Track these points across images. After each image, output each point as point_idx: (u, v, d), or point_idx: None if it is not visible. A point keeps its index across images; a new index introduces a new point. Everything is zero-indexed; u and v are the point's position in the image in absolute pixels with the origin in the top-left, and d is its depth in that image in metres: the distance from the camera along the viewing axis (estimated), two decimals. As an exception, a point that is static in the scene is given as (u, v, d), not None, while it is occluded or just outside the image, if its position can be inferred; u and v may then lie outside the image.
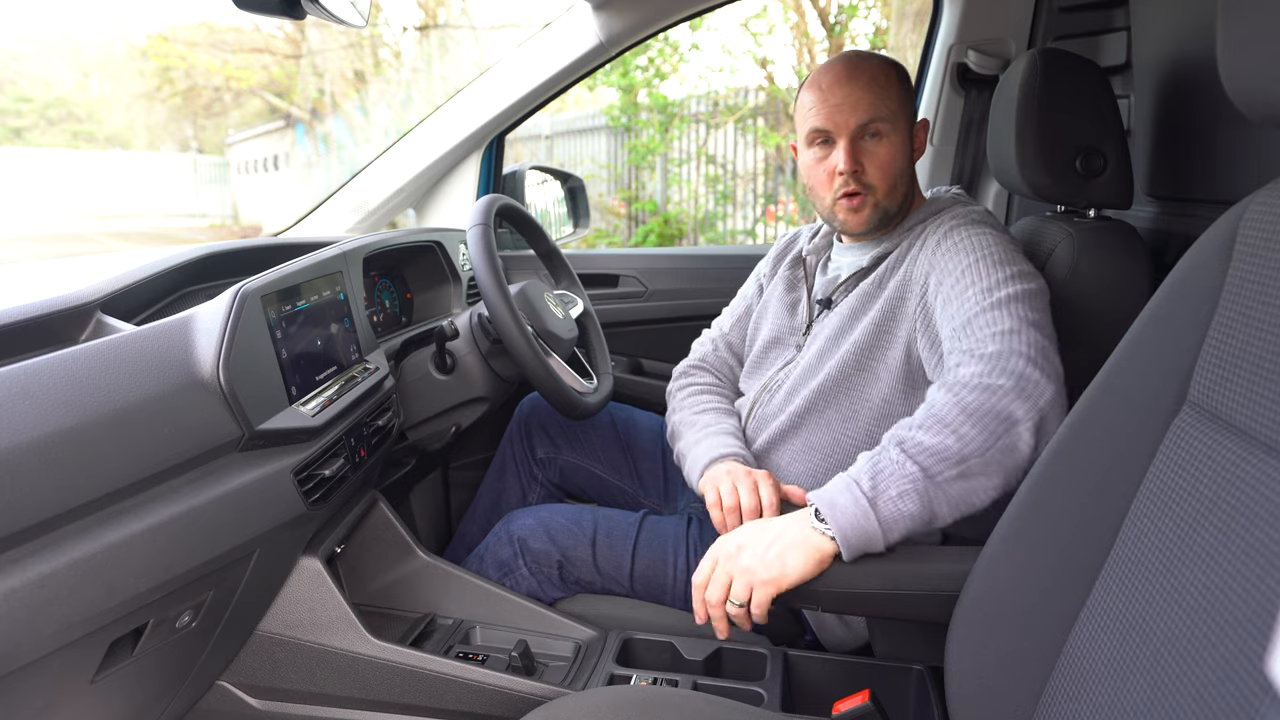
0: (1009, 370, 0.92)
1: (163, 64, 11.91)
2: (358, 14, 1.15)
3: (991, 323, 0.97)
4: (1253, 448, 0.56)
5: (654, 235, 6.66)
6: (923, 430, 0.91)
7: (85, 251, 5.47)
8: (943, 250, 1.11)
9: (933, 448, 0.89)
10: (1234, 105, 0.61)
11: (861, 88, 1.16)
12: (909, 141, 1.21)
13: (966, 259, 1.07)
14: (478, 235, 1.26)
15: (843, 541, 0.89)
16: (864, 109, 1.16)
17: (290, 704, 1.10)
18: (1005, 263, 1.05)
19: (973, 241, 1.09)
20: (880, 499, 0.89)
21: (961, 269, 1.06)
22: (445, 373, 1.34)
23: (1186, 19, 1.22)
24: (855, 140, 1.17)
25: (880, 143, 1.17)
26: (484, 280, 1.23)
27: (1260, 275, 0.59)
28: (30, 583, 0.67)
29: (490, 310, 1.24)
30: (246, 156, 13.58)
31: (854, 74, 1.17)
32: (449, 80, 9.95)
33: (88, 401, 0.74)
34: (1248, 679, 0.50)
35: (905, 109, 1.20)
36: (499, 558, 1.29)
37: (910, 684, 1.08)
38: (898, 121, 1.18)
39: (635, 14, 1.68)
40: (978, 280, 1.03)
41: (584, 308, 1.58)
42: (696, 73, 7.64)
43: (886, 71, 1.19)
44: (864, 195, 1.18)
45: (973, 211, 1.16)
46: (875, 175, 1.18)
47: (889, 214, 1.20)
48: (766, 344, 1.35)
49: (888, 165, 1.17)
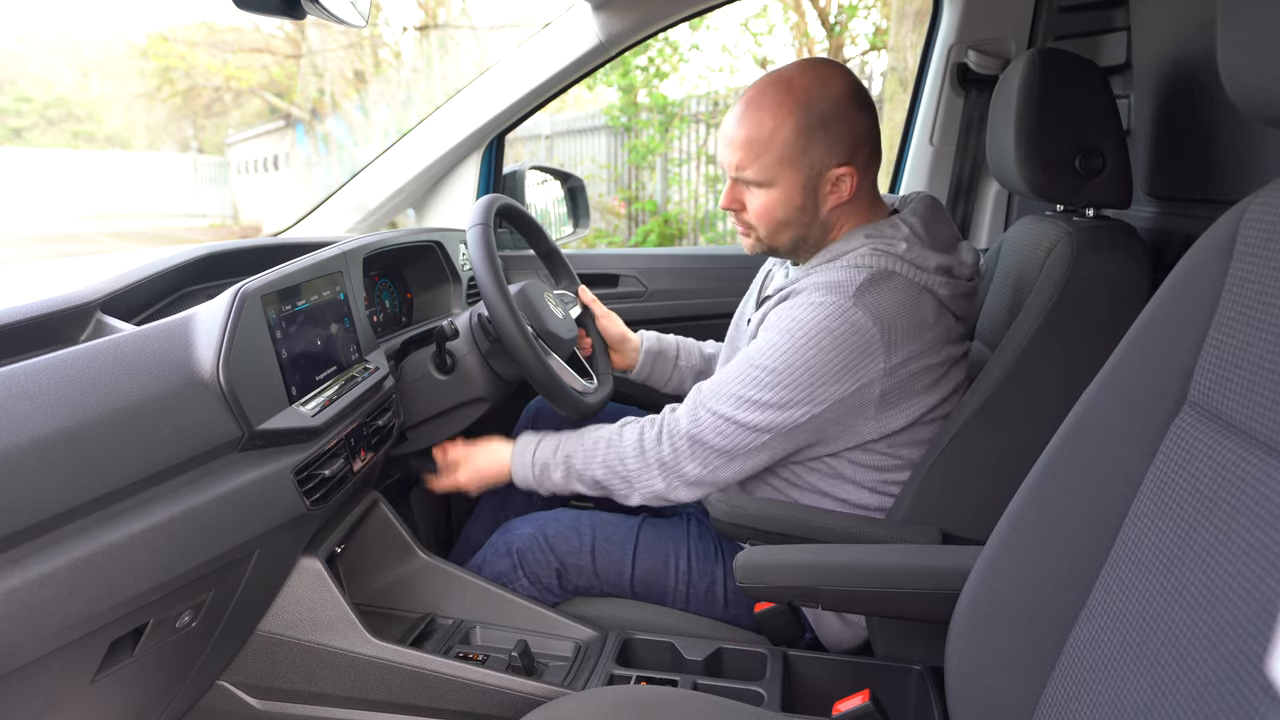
0: (649, 448, 1.18)
1: (163, 64, 11.90)
2: (358, 14, 1.15)
3: (699, 414, 1.15)
4: (1253, 448, 0.56)
5: (654, 235, 6.66)
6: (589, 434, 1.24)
7: (85, 251, 5.47)
8: (768, 324, 1.14)
9: (578, 448, 1.23)
10: (1234, 105, 0.61)
11: (743, 132, 1.12)
12: (803, 191, 1.13)
13: (752, 355, 1.13)
14: (477, 235, 1.26)
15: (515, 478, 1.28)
16: (732, 158, 1.15)
17: (290, 704, 1.10)
18: (758, 384, 1.10)
19: (771, 341, 1.11)
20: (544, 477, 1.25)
21: (742, 357, 1.14)
22: (445, 373, 1.34)
23: (1186, 19, 1.22)
24: (735, 183, 1.18)
25: (755, 191, 1.16)
26: (484, 280, 1.23)
27: (1260, 275, 0.59)
28: (30, 583, 0.67)
29: (490, 310, 1.24)
30: (246, 156, 13.58)
31: (744, 113, 1.13)
32: (449, 80, 9.95)
33: (88, 401, 0.74)
34: (1248, 679, 0.50)
35: (797, 161, 1.11)
36: (496, 569, 1.29)
37: (910, 684, 1.08)
38: (779, 175, 1.12)
39: (635, 14, 1.68)
40: (731, 380, 1.13)
41: (583, 307, 1.58)
42: (696, 73, 7.65)
43: (775, 125, 1.10)
44: (749, 229, 1.21)
45: (831, 292, 1.09)
46: (753, 219, 1.18)
47: (779, 250, 1.22)
48: (724, 352, 1.41)
49: (763, 214, 1.16)
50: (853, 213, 1.19)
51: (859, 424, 1.12)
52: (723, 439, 1.13)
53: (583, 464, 1.22)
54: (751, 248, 1.24)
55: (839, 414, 1.11)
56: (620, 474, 1.19)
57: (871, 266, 1.11)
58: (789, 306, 1.13)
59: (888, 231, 1.15)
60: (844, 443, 1.15)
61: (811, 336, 1.08)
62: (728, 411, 1.12)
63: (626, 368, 1.55)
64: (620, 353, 1.54)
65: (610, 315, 1.53)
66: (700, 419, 1.14)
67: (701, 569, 1.26)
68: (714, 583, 1.25)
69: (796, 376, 1.08)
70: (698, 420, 1.15)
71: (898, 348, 1.08)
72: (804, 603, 1.00)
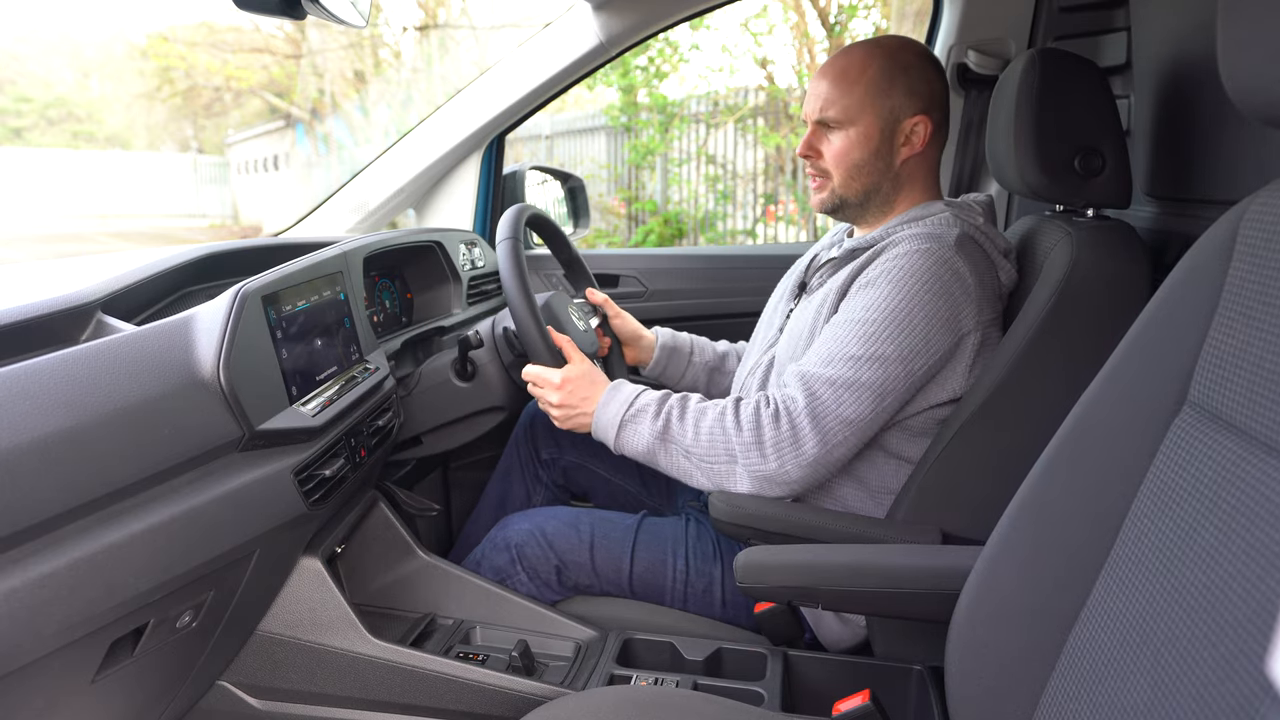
0: (765, 427, 1.10)
1: (163, 64, 11.90)
2: (358, 14, 1.15)
3: (815, 387, 1.10)
4: (1253, 448, 0.56)
5: (654, 235, 6.66)
6: (694, 408, 1.15)
7: (85, 251, 5.47)
8: (864, 281, 1.14)
9: (678, 426, 1.15)
10: (1234, 105, 0.61)
11: (827, 79, 1.21)
12: (879, 135, 1.20)
13: (857, 313, 1.11)
14: (507, 250, 1.27)
15: (593, 429, 1.22)
16: (818, 100, 1.22)
17: (290, 704, 1.10)
18: (874, 339, 1.08)
19: (880, 293, 1.11)
20: (624, 427, 1.18)
21: (845, 319, 1.12)
22: (466, 380, 1.36)
23: (1186, 19, 1.22)
24: (817, 128, 1.24)
25: (835, 133, 1.22)
26: (513, 297, 1.24)
27: (1260, 275, 0.59)
28: (30, 583, 0.67)
29: (519, 328, 1.26)
30: (246, 156, 13.57)
31: (830, 65, 1.23)
32: (449, 80, 9.95)
33: (88, 401, 0.74)
34: (1248, 679, 0.50)
35: (877, 102, 1.19)
36: (495, 564, 1.29)
37: (910, 684, 1.08)
38: (860, 114, 1.19)
39: (635, 14, 1.68)
40: (839, 343, 1.11)
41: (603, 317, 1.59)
42: (696, 73, 7.64)
43: (864, 63, 1.19)
44: (823, 179, 1.25)
45: (932, 240, 1.12)
46: (829, 163, 1.23)
47: (848, 201, 1.25)
48: (761, 328, 1.40)
49: (840, 156, 1.22)
50: (920, 173, 1.25)
51: (951, 380, 1.13)
52: (845, 407, 1.09)
53: (682, 429, 1.14)
54: (821, 203, 1.26)
55: (945, 366, 1.12)
56: (725, 449, 1.12)
57: (957, 230, 1.15)
58: (888, 259, 1.13)
59: (965, 205, 1.22)
60: (918, 405, 1.14)
61: (923, 281, 1.09)
62: (846, 375, 1.09)
63: (641, 364, 1.55)
64: (635, 349, 1.54)
65: (624, 315, 1.54)
66: (818, 392, 1.10)
67: (699, 569, 1.26)
68: (712, 583, 1.25)
69: (914, 322, 1.08)
70: (815, 394, 1.10)
71: (984, 306, 1.12)
72: (804, 603, 1.00)
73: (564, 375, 1.24)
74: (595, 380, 1.24)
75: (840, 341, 1.11)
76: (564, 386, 1.23)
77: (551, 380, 1.24)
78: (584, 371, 1.24)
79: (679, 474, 1.16)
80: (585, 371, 1.25)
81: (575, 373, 1.24)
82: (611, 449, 1.20)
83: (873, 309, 1.10)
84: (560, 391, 1.23)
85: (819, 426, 1.09)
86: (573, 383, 1.23)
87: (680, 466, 1.15)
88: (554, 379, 1.24)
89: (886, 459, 1.17)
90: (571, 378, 1.24)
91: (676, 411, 1.16)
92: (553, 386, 1.24)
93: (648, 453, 1.17)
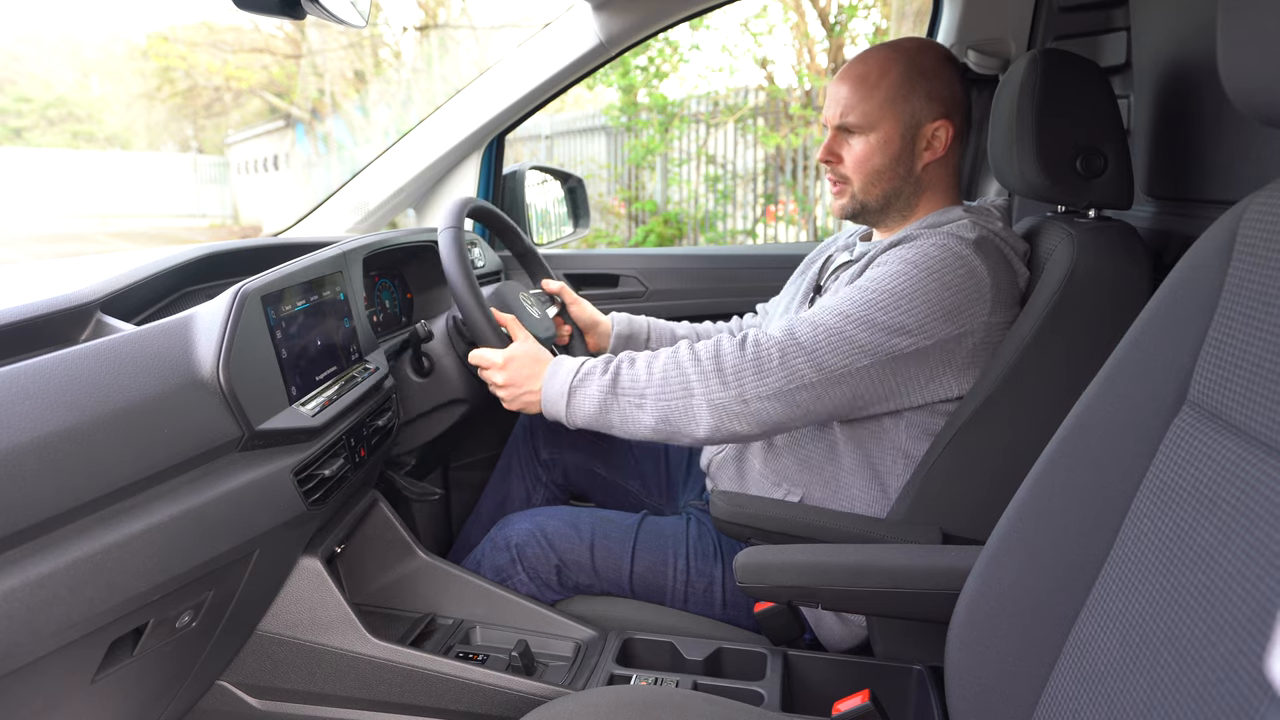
0: (727, 355, 1.09)
1: (163, 64, 11.91)
2: (358, 14, 1.15)
3: (797, 325, 1.09)
4: (1253, 447, 0.56)
5: (654, 235, 6.66)
6: (645, 355, 1.14)
7: (85, 251, 5.47)
8: (884, 259, 1.14)
9: (629, 373, 1.13)
10: (1234, 105, 0.61)
11: (847, 84, 1.21)
12: (900, 140, 1.20)
13: (861, 283, 1.12)
14: (448, 239, 1.27)
15: (543, 404, 1.19)
16: (838, 105, 1.22)
17: (290, 704, 1.10)
18: (870, 305, 1.08)
19: (887, 270, 1.11)
20: (574, 393, 1.15)
21: (855, 285, 1.12)
22: (423, 375, 1.34)
23: (1186, 19, 1.22)
24: (837, 133, 1.24)
25: (856, 139, 1.22)
26: (455, 283, 1.24)
27: (1260, 275, 0.59)
28: (30, 583, 0.67)
29: (463, 312, 1.25)
30: (246, 156, 13.58)
31: (850, 68, 1.23)
32: (449, 80, 9.95)
33: (88, 401, 0.74)
34: (1248, 679, 0.50)
35: (898, 107, 1.19)
36: (495, 564, 1.29)
37: (910, 684, 1.08)
38: (881, 119, 1.19)
39: (635, 14, 1.68)
40: (834, 302, 1.10)
41: (561, 306, 1.58)
42: (696, 73, 7.64)
43: (885, 68, 1.19)
44: (843, 185, 1.25)
45: (951, 238, 1.12)
46: (850, 169, 1.23)
47: (869, 207, 1.24)
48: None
49: (861, 162, 1.22)
50: (941, 178, 1.24)
51: (944, 376, 1.12)
52: (820, 353, 1.07)
53: (633, 374, 1.12)
54: (842, 208, 1.26)
55: (935, 358, 1.10)
56: (681, 383, 1.09)
57: (976, 234, 1.15)
58: (906, 248, 1.13)
59: (983, 209, 1.21)
60: (913, 399, 1.13)
61: (934, 270, 1.09)
62: (830, 324, 1.08)
63: (599, 350, 1.54)
64: (593, 336, 1.53)
65: (580, 302, 1.53)
66: (796, 330, 1.09)
67: (700, 569, 1.26)
68: (712, 583, 1.25)
69: (915, 303, 1.08)
70: (792, 332, 1.09)
71: (997, 308, 1.11)
72: (804, 603, 1.00)
73: (507, 354, 1.22)
74: (539, 358, 1.22)
75: (835, 301, 1.11)
76: (507, 366, 1.21)
77: (494, 360, 1.22)
78: (528, 350, 1.22)
79: (632, 428, 1.13)
80: (529, 349, 1.23)
81: (519, 350, 1.22)
82: (565, 422, 1.17)
83: (877, 280, 1.10)
84: (504, 371, 1.21)
85: (787, 362, 1.07)
86: (516, 360, 1.21)
87: (632, 418, 1.12)
88: (497, 359, 1.22)
89: (907, 466, 1.17)
90: (515, 355, 1.22)
91: (627, 362, 1.15)
92: (496, 366, 1.22)
93: (600, 411, 1.13)
